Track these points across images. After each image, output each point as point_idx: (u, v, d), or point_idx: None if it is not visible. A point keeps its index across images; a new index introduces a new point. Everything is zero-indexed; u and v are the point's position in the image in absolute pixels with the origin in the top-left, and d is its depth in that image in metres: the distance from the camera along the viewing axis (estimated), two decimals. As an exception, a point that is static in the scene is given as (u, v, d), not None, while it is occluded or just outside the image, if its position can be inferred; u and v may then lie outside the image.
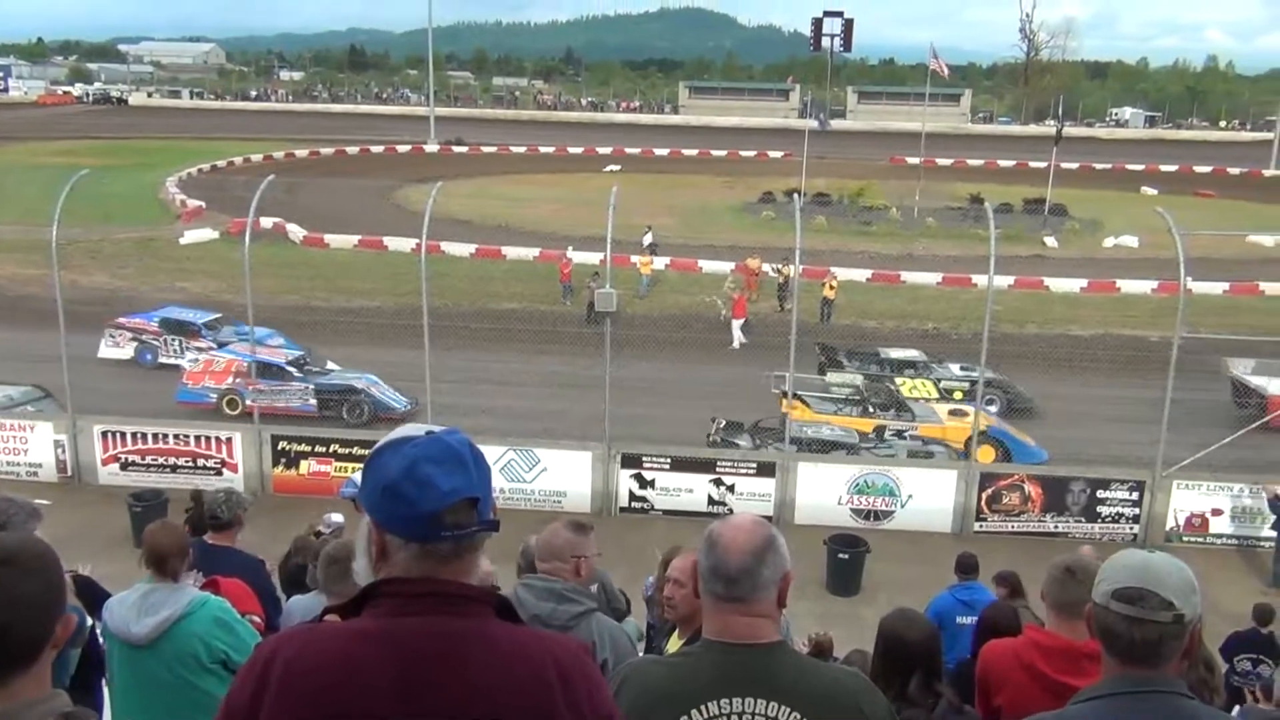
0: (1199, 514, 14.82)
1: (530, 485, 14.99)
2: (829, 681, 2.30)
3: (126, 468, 15.51)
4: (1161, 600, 2.14)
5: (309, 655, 1.82)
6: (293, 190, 37.63)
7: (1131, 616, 2.15)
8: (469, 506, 1.84)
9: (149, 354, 21.45)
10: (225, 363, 19.02)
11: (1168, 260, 16.11)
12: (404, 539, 1.85)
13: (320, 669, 1.79)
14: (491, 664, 1.82)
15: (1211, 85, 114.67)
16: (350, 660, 1.79)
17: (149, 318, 21.95)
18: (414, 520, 1.83)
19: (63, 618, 1.87)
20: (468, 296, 25.79)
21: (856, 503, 14.99)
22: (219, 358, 19.26)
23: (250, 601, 4.87)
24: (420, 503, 1.81)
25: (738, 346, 23.67)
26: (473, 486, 1.85)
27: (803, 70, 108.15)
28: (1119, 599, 2.17)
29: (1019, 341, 23.11)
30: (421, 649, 1.80)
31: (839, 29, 49.84)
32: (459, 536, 1.84)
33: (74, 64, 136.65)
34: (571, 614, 3.50)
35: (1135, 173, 58.09)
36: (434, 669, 1.79)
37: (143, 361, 21.29)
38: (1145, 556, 2.24)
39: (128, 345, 21.55)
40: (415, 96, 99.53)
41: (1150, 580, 2.16)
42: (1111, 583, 2.20)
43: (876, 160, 57.19)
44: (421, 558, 1.85)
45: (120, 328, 21.68)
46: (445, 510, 1.81)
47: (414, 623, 1.82)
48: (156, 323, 21.78)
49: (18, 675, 1.82)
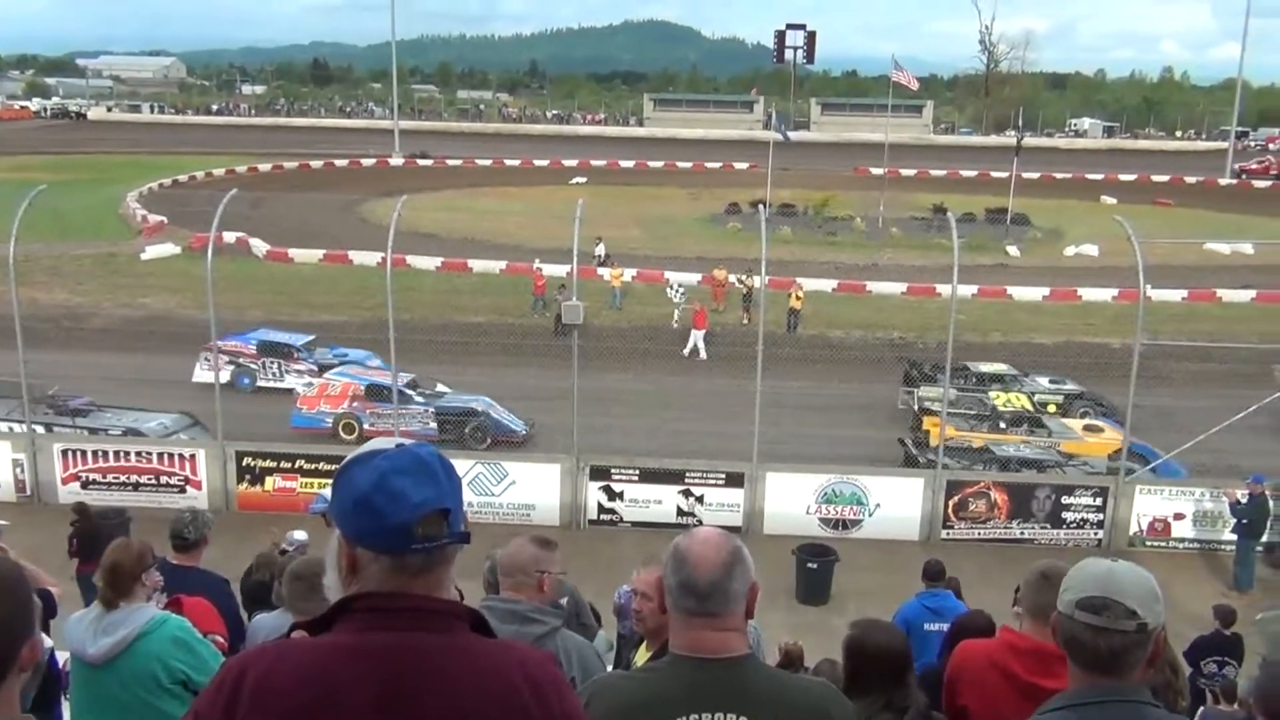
0: (1161, 519, 15.01)
1: (499, 499, 14.93)
2: (798, 693, 2.30)
3: (87, 486, 15.26)
4: (1125, 609, 2.14)
5: (282, 671, 1.79)
6: (256, 204, 37.33)
7: (1096, 626, 2.15)
8: (440, 518, 1.82)
9: (246, 378, 20.83)
10: (341, 386, 18.60)
11: (1127, 268, 16.35)
12: (375, 552, 1.83)
13: (295, 686, 1.76)
14: (467, 677, 1.80)
15: (1167, 96, 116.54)
16: (325, 676, 1.77)
17: (246, 340, 21.24)
18: (385, 533, 1.81)
19: (30, 640, 1.83)
20: (434, 310, 25.70)
21: (825, 512, 15.04)
22: (334, 381, 18.78)
23: (213, 621, 4.80)
24: (391, 515, 1.80)
25: (704, 357, 23.69)
26: (443, 498, 1.83)
27: (767, 82, 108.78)
28: (1083, 609, 2.17)
29: (983, 350, 23.33)
30: (397, 664, 1.78)
31: (802, 41, 50.33)
32: (430, 548, 1.82)
33: (31, 78, 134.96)
34: (535, 635, 3.48)
35: (1095, 182, 58.84)
36: (410, 684, 1.77)
37: (240, 386, 20.54)
38: (1109, 565, 2.23)
39: (224, 369, 20.53)
40: (379, 110, 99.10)
41: (1114, 590, 2.16)
42: (1076, 592, 2.20)
43: (841, 171, 57.57)
44: (393, 571, 1.83)
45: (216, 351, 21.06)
46: (416, 522, 1.80)
47: (388, 638, 1.80)
48: (254, 346, 21.19)
49: None
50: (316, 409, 18.26)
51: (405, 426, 17.71)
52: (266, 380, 20.82)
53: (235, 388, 20.36)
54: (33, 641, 1.84)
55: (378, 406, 17.87)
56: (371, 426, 17.89)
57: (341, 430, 18.18)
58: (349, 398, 18.49)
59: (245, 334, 21.53)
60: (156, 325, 24.27)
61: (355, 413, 18.35)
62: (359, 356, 20.58)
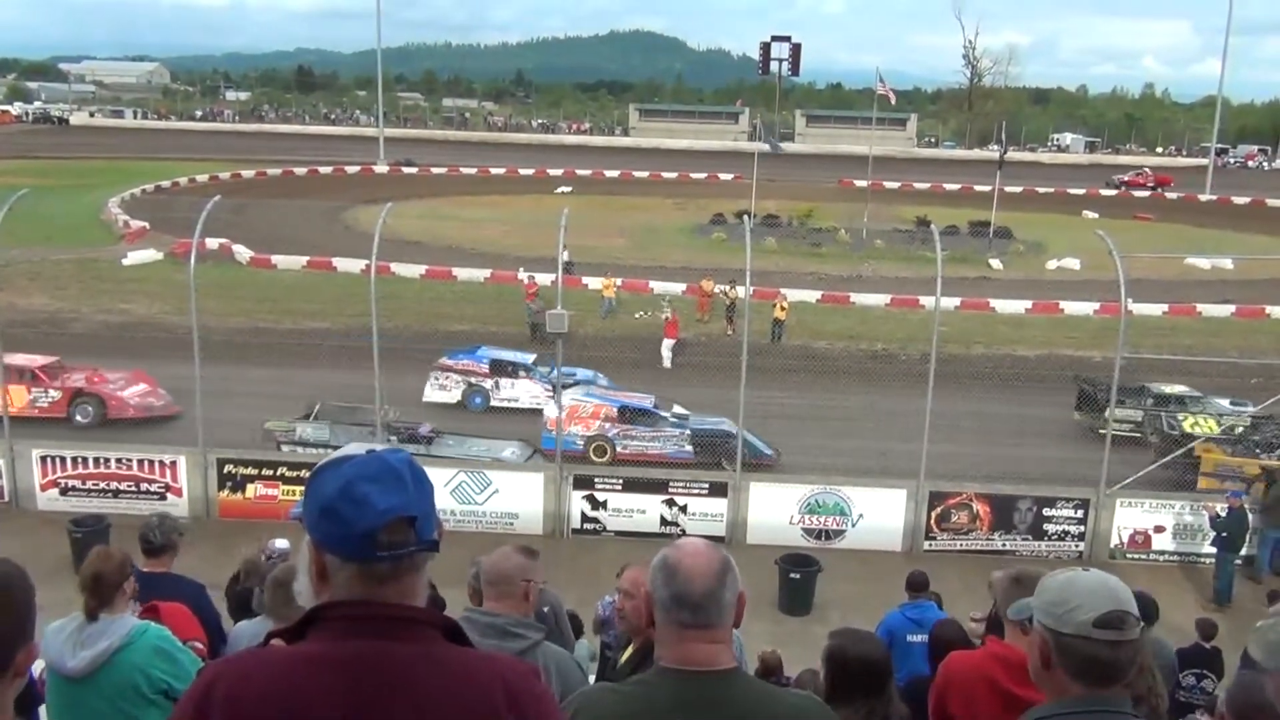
0: (1142, 531, 15.10)
1: (482, 507, 14.87)
2: (785, 707, 2.29)
3: (66, 493, 15.15)
4: (1134, 618, 2.15)
5: (251, 682, 1.78)
6: (240, 211, 37.10)
7: (1116, 641, 2.13)
8: (406, 525, 1.81)
9: (479, 396, 20.54)
10: (592, 408, 18.23)
11: (1109, 282, 16.47)
12: (342, 559, 1.82)
13: (263, 696, 1.76)
14: (438, 687, 1.79)
15: (1148, 112, 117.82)
16: (293, 687, 1.76)
17: (477, 359, 20.96)
18: (350, 539, 1.80)
19: (26, 646, 1.85)
20: (418, 318, 25.63)
21: (808, 522, 15.06)
22: (585, 402, 18.37)
23: (192, 627, 4.75)
24: (356, 521, 1.78)
25: (668, 366, 23.74)
26: (410, 505, 1.81)
27: (751, 94, 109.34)
28: (1103, 626, 2.14)
29: (966, 362, 23.41)
30: (366, 673, 1.77)
31: (787, 54, 50.30)
32: (396, 556, 1.81)
33: (13, 82, 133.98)
34: (516, 650, 3.46)
35: (1077, 196, 59.28)
36: (379, 694, 1.76)
37: (472, 405, 20.36)
38: (1102, 577, 2.22)
39: (455, 388, 20.69)
40: (364, 117, 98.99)
41: (1123, 600, 2.16)
42: (1089, 610, 2.15)
43: (825, 183, 57.83)
44: (360, 578, 1.82)
45: (447, 370, 20.82)
46: (381, 529, 1.78)
47: (358, 646, 1.79)
48: (486, 364, 20.92)
49: None
50: (567, 430, 17.33)
51: (660, 449, 17.45)
52: (499, 399, 20.51)
53: (467, 407, 20.27)
54: (28, 648, 1.85)
55: (631, 428, 17.58)
56: (624, 449, 17.64)
57: (593, 453, 17.77)
58: (601, 419, 18.13)
59: (473, 352, 21.26)
60: (138, 331, 24.11)
61: (607, 434, 18.05)
62: (586, 376, 20.05)
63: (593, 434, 18.06)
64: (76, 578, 4.12)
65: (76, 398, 18.95)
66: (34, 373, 19.05)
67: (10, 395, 17.97)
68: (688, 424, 18.26)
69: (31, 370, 19.05)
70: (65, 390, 19.06)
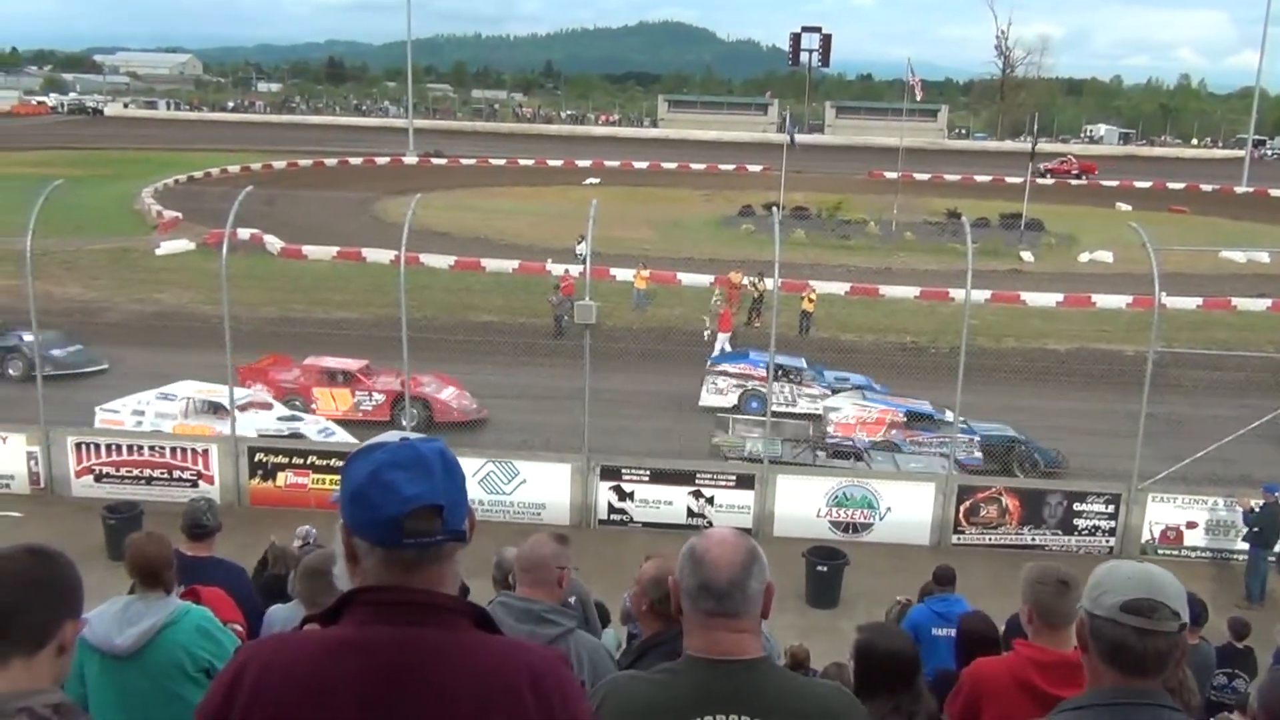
0: (1174, 527, 14.93)
1: (509, 497, 14.93)
2: (812, 697, 2.29)
3: (100, 480, 15.33)
4: (1170, 611, 2.13)
5: (279, 664, 1.82)
6: (271, 201, 37.46)
7: (1144, 629, 2.13)
8: (432, 514, 1.82)
9: (756, 401, 19.90)
10: (878, 413, 17.92)
11: (1142, 275, 16.30)
12: (370, 544, 1.85)
13: (288, 678, 1.79)
14: (461, 675, 1.80)
15: (1184, 103, 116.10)
16: (317, 669, 1.79)
17: (753, 362, 20.44)
18: (376, 524, 1.82)
19: (73, 621, 1.94)
20: (447, 308, 25.74)
21: (835, 515, 15.01)
22: (869, 408, 18.05)
23: (232, 610, 4.82)
24: (381, 508, 1.81)
25: None
26: (436, 494, 1.83)
27: (781, 85, 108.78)
28: (1130, 611, 2.14)
29: (996, 355, 23.28)
30: (390, 660, 1.79)
31: (817, 44, 50.19)
32: (422, 544, 1.83)
33: (49, 74, 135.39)
34: (549, 636, 3.48)
35: (1110, 189, 58.68)
36: (401, 680, 1.78)
37: (749, 410, 19.91)
38: (1146, 567, 2.22)
39: (731, 392, 20.33)
40: (394, 109, 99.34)
41: (1158, 591, 2.15)
42: (1119, 594, 2.16)
43: (855, 175, 57.52)
44: (387, 564, 1.85)
45: (723, 374, 20.51)
46: (405, 516, 1.80)
47: (385, 632, 1.81)
48: (763, 368, 19.96)
49: (17, 660, 1.87)
50: (852, 437, 17.16)
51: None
52: (778, 404, 19.58)
53: (743, 411, 19.92)
54: (75, 623, 1.95)
55: (919, 434, 17.25)
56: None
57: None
58: (887, 425, 17.87)
59: (744, 355, 20.92)
60: (170, 321, 24.37)
61: (895, 440, 17.62)
62: (860, 381, 19.63)
63: (879, 440, 17.58)
64: (111, 563, 4.18)
65: (399, 401, 18.24)
66: (353, 375, 19.10)
67: (334, 398, 18.77)
68: (974, 430, 17.55)
69: (349, 373, 19.11)
70: (387, 394, 18.92)
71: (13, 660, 1.86)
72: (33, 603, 1.88)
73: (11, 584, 1.87)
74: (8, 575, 1.88)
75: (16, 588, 1.87)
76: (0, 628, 1.86)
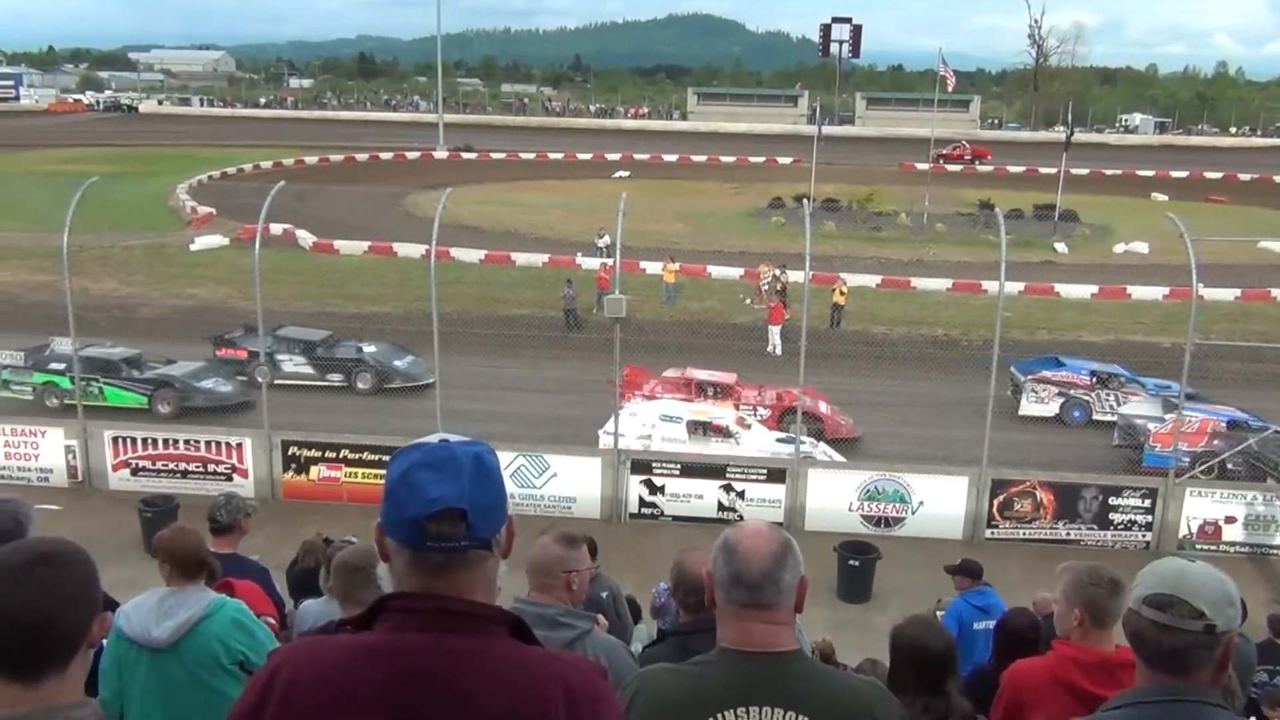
0: (1212, 521, 14.74)
1: (540, 491, 14.98)
2: (845, 690, 2.27)
3: (137, 473, 15.54)
4: (1192, 609, 2.11)
5: (311, 670, 1.80)
6: (302, 197, 37.73)
7: (1160, 623, 2.13)
8: (455, 518, 1.78)
9: (1080, 409, 19.53)
10: (1199, 423, 17.20)
11: (1179, 266, 16.08)
12: (398, 543, 1.83)
13: (319, 682, 1.78)
14: (492, 685, 1.77)
15: (1221, 92, 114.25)
16: (347, 674, 1.77)
17: (1075, 370, 19.93)
18: (401, 525, 1.80)
19: (99, 616, 1.90)
20: (477, 302, 25.82)
21: (867, 509, 14.94)
22: (1190, 418, 17.04)
23: (264, 604, 4.86)
24: (406, 507, 1.79)
25: (775, 352, 23.31)
26: (460, 498, 1.78)
27: (811, 77, 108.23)
28: (1149, 605, 2.15)
29: (1030, 348, 23.05)
30: (422, 667, 1.77)
31: (847, 35, 49.80)
32: (446, 549, 1.79)
33: (85, 72, 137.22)
34: (565, 640, 3.46)
35: (1145, 179, 57.95)
36: (432, 689, 1.76)
37: (1072, 420, 19.53)
38: (1182, 564, 2.21)
39: (1053, 401, 19.82)
40: (424, 103, 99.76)
41: (1182, 588, 2.13)
42: (1145, 588, 2.18)
43: (886, 166, 57.16)
44: (413, 566, 1.82)
45: (1043, 381, 19.95)
46: (428, 518, 1.77)
47: (418, 639, 1.79)
48: (1087, 375, 19.95)
49: (51, 675, 1.83)
50: (1172, 447, 16.31)
51: None
52: (1102, 413, 19.41)
53: (1064, 421, 19.65)
54: (102, 618, 1.91)
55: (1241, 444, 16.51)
56: (1235, 466, 16.81)
57: (1201, 473, 16.05)
58: (1208, 435, 17.28)
59: (1060, 362, 20.42)
60: (205, 315, 24.61)
61: (1216, 450, 16.90)
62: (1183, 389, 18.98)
63: (1200, 450, 16.87)
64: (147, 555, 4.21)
65: (786, 415, 18.00)
66: (730, 388, 18.82)
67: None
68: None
69: (726, 385, 18.81)
70: (774, 408, 18.67)
71: (46, 676, 1.82)
72: (59, 617, 1.82)
73: (33, 603, 1.80)
74: (28, 593, 1.81)
75: (39, 606, 1.80)
76: (30, 649, 1.80)
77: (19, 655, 1.80)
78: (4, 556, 1.86)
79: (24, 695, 1.80)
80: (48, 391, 18.80)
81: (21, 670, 1.81)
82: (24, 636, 1.80)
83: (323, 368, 20.51)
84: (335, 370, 20.50)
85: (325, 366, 20.52)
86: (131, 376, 18.98)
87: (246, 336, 20.12)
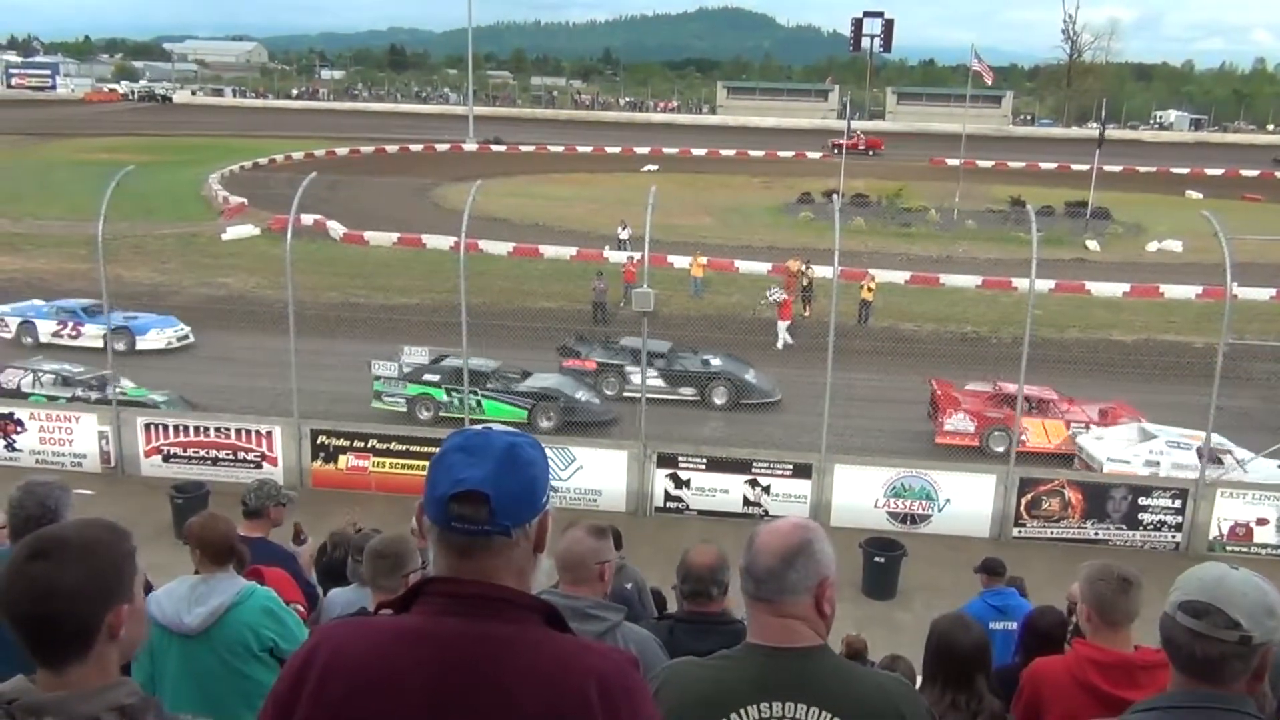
0: (1243, 523, 14.56)
1: (566, 483, 15.01)
2: (870, 686, 2.27)
3: (169, 460, 15.71)
4: (1228, 619, 2.08)
5: (349, 649, 1.82)
6: (333, 188, 37.97)
7: (1194, 631, 2.11)
8: (478, 501, 1.79)
9: None
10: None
11: (1212, 265, 15.90)
12: (430, 521, 1.86)
13: (358, 664, 1.79)
14: (528, 673, 1.78)
15: (1259, 88, 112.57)
16: (386, 657, 1.79)
17: None
18: (431, 503, 1.84)
19: (114, 609, 1.88)
20: (505, 295, 25.88)
21: (893, 506, 14.88)
22: None
23: (293, 591, 4.90)
24: (437, 485, 1.82)
25: (782, 347, 23.42)
26: (484, 482, 1.80)
27: (842, 71, 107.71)
28: (1185, 611, 2.12)
29: (1060, 346, 22.88)
30: (459, 653, 1.78)
31: (879, 29, 49.73)
32: (468, 531, 1.81)
33: (120, 62, 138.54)
34: (596, 633, 3.46)
35: (1180, 176, 57.29)
36: (469, 675, 1.77)
37: None
38: (1222, 571, 2.17)
39: None
40: (454, 96, 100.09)
41: (1220, 597, 2.11)
42: (1182, 594, 2.15)
43: (916, 162, 56.79)
44: (442, 545, 1.85)
45: None
46: (451, 498, 1.79)
47: (456, 624, 1.80)
48: None
49: (73, 664, 1.86)
50: None
51: None
52: None
53: None
54: (116, 610, 1.89)
55: None
56: None
57: None
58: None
59: None
60: (236, 304, 24.84)
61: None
62: None
63: None
64: (177, 541, 4.26)
65: None
66: (1048, 402, 18.34)
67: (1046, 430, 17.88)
68: None
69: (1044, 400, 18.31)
70: (1103, 423, 18.08)
71: (68, 667, 1.85)
72: (62, 611, 1.83)
73: (29, 597, 1.81)
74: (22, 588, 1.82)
75: (36, 600, 1.81)
76: (38, 640, 1.84)
77: (31, 646, 1.85)
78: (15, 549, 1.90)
79: (54, 681, 1.85)
80: (420, 403, 18.56)
81: (40, 658, 1.86)
82: (25, 629, 1.83)
83: (675, 380, 19.75)
84: (689, 384, 19.72)
85: (677, 379, 19.75)
86: (510, 390, 18.63)
87: (588, 346, 20.21)
